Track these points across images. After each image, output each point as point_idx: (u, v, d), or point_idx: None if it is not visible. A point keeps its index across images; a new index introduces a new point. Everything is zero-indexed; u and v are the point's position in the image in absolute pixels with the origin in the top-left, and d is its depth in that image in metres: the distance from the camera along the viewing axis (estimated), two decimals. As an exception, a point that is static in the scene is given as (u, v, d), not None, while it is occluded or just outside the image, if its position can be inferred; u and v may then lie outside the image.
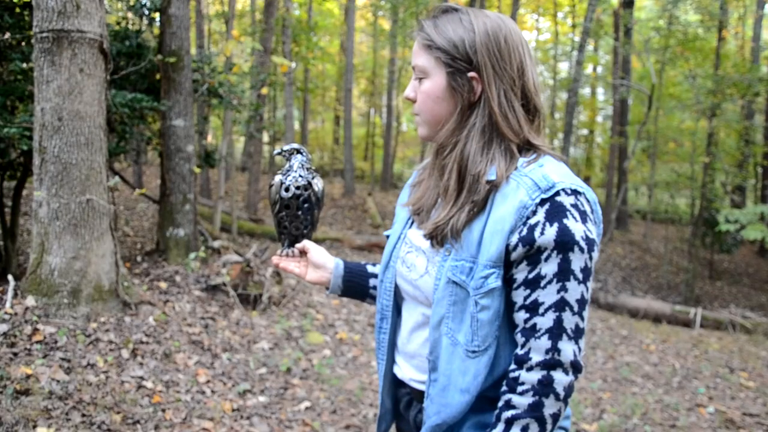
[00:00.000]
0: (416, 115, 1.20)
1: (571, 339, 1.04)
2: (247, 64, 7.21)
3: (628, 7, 11.89)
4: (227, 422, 3.14)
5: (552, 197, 1.03)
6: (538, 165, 1.09)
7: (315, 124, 23.24)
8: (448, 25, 1.13)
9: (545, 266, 1.03)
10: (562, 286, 1.02)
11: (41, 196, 3.49)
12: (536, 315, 1.04)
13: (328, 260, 1.40)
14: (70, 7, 3.39)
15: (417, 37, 1.17)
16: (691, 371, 5.62)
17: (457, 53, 1.11)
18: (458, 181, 1.12)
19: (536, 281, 1.04)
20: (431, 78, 1.14)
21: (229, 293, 4.87)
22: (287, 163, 1.38)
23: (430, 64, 1.14)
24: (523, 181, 1.06)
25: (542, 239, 1.02)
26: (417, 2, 11.75)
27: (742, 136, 12.29)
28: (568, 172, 1.10)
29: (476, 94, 1.12)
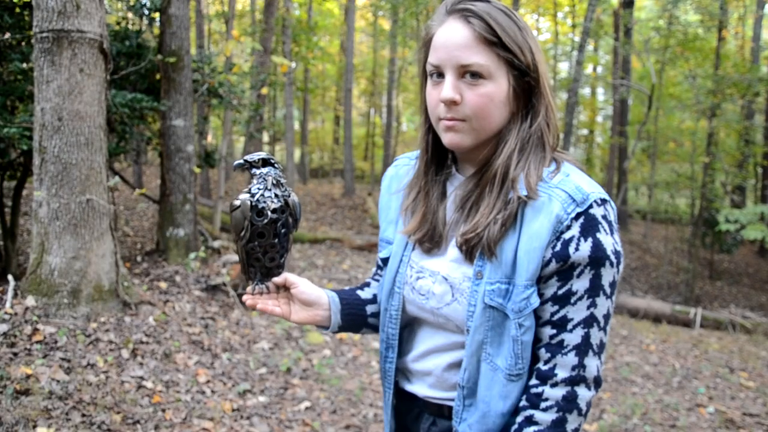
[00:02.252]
0: (457, 121, 1.03)
1: (595, 354, 1.02)
2: (247, 64, 7.21)
3: (628, 7, 11.90)
4: (227, 422, 3.14)
5: (586, 210, 0.99)
6: (564, 174, 1.03)
7: (315, 124, 23.25)
8: (504, 20, 1.01)
9: (577, 282, 0.99)
10: (592, 302, 1.00)
11: (41, 196, 3.49)
12: (564, 331, 1.01)
13: (321, 295, 1.22)
14: (70, 7, 3.39)
15: (466, 29, 1.00)
16: (691, 371, 5.62)
17: (522, 55, 1.01)
18: (498, 193, 1.03)
19: (566, 297, 1.00)
20: (494, 80, 1.01)
21: (229, 293, 4.87)
22: (255, 179, 1.12)
23: (492, 64, 1.00)
24: (556, 193, 1.00)
25: (577, 255, 0.98)
26: (417, 2, 11.75)
27: (742, 136, 12.29)
28: (590, 179, 1.06)
29: (531, 102, 1.04)
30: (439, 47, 1.03)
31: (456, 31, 1.01)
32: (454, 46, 1.00)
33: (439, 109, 1.04)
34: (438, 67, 1.03)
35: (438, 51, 1.03)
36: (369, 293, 1.31)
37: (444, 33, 1.03)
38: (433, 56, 1.04)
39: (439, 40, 1.03)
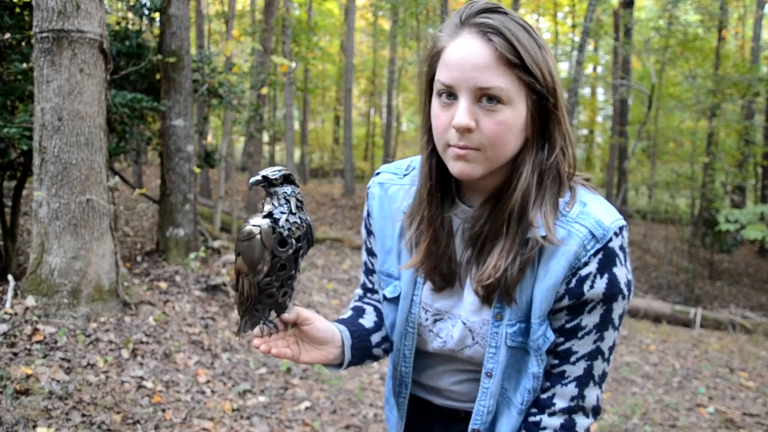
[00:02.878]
0: (470, 150, 0.92)
1: (596, 384, 1.01)
2: (247, 64, 7.21)
3: (628, 7, 11.90)
4: (227, 422, 3.14)
5: (605, 245, 0.94)
6: (581, 204, 0.97)
7: (315, 124, 23.25)
8: (525, 39, 0.90)
9: (587, 318, 0.97)
10: (600, 336, 0.98)
11: (41, 196, 3.49)
12: (567, 363, 1.00)
13: (335, 331, 1.08)
14: (70, 7, 3.39)
15: (485, 47, 0.88)
16: (691, 371, 5.62)
17: (543, 78, 0.91)
18: (515, 234, 0.96)
19: (574, 331, 0.98)
20: (513, 105, 0.90)
21: (229, 293, 4.87)
22: (274, 199, 0.96)
23: (512, 87, 0.89)
24: (575, 229, 0.94)
25: (591, 293, 0.94)
26: (417, 2, 11.75)
27: (742, 136, 12.29)
28: (606, 203, 0.99)
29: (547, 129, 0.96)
30: (452, 65, 0.91)
31: (474, 48, 0.89)
32: (471, 65, 0.89)
33: (449, 134, 0.93)
34: (450, 87, 0.91)
35: (451, 69, 0.91)
36: (370, 321, 1.19)
37: (459, 49, 0.91)
38: (444, 74, 0.92)
39: (453, 57, 0.91)
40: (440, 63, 0.94)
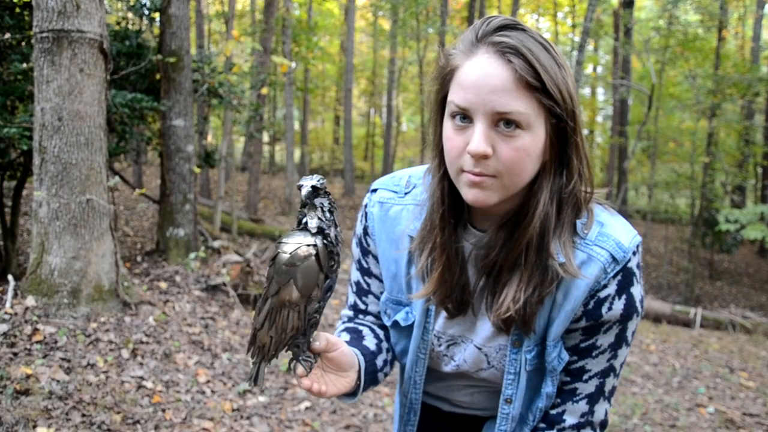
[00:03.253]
0: (486, 177, 0.86)
1: (606, 399, 1.01)
2: (247, 64, 7.21)
3: (628, 7, 11.90)
4: (227, 422, 3.14)
5: (625, 265, 0.92)
6: (598, 225, 0.94)
7: (315, 124, 23.25)
8: (546, 59, 0.84)
9: (602, 338, 0.96)
10: (614, 354, 0.97)
11: (41, 196, 3.49)
12: (579, 381, 0.99)
13: (354, 355, 1.02)
14: (70, 7, 3.39)
15: (504, 69, 0.83)
16: (691, 371, 5.62)
17: (563, 100, 0.86)
18: (534, 265, 0.91)
19: (588, 350, 0.97)
20: (532, 130, 0.85)
21: (229, 293, 4.87)
22: (314, 211, 0.88)
23: (532, 112, 0.84)
24: (596, 252, 0.92)
25: (609, 314, 0.93)
26: (417, 2, 11.75)
27: (742, 136, 12.30)
28: (622, 220, 0.97)
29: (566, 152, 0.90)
30: (468, 87, 0.85)
31: (492, 69, 0.83)
32: (489, 88, 0.83)
33: (464, 159, 0.87)
34: (465, 110, 0.86)
35: (467, 91, 0.85)
36: (372, 344, 1.12)
37: (475, 69, 0.85)
38: (459, 95, 0.86)
39: (469, 78, 0.85)
40: (454, 83, 0.89)
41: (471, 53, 0.87)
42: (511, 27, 0.86)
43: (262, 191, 14.59)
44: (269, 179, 17.62)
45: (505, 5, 16.20)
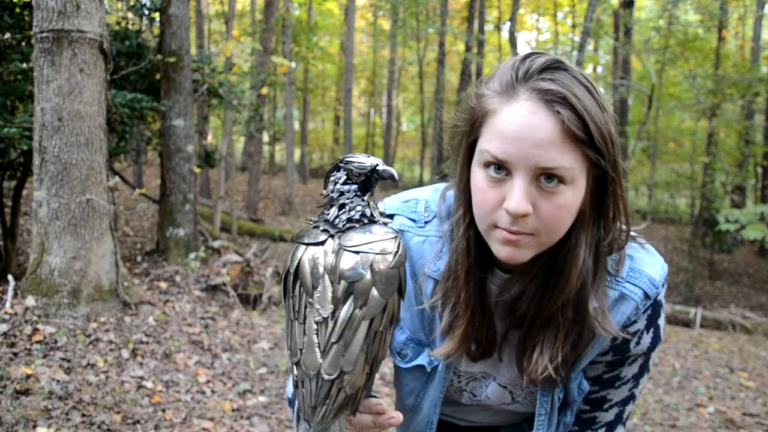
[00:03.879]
0: (523, 235, 0.79)
1: (622, 424, 0.99)
2: (247, 64, 7.22)
3: (628, 7, 11.90)
4: (227, 422, 3.14)
5: (655, 299, 0.89)
6: (629, 259, 0.89)
7: (315, 124, 23.26)
8: (592, 107, 0.76)
9: (626, 369, 0.94)
10: (636, 383, 0.95)
11: (41, 196, 3.49)
12: (599, 410, 0.97)
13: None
14: (70, 7, 3.39)
15: (551, 120, 0.75)
16: (691, 371, 5.62)
17: (607, 151, 0.78)
18: (572, 321, 0.86)
19: (611, 382, 0.95)
20: (574, 185, 0.77)
21: (229, 293, 4.86)
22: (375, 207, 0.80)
23: (577, 166, 0.77)
24: (628, 290, 0.87)
25: (636, 349, 0.91)
26: (417, 2, 11.76)
27: (742, 136, 12.30)
28: (651, 250, 0.92)
29: (605, 202, 0.84)
30: (508, 137, 0.76)
31: (537, 121, 0.75)
32: (533, 141, 0.75)
33: (498, 215, 0.80)
34: (504, 162, 0.77)
35: (506, 142, 0.76)
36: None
37: (517, 118, 0.76)
38: (496, 145, 0.78)
39: (510, 128, 0.76)
40: (488, 128, 0.80)
41: (510, 97, 0.78)
42: (554, 68, 0.78)
43: (262, 191, 14.58)
44: (269, 179, 17.62)
45: (505, 5, 16.20)
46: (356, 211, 0.77)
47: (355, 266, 0.71)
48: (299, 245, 0.77)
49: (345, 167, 0.78)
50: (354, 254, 0.72)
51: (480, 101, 0.82)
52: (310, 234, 0.77)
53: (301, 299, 0.74)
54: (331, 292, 0.72)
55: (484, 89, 0.82)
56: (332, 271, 0.72)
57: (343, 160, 0.78)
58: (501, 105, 0.78)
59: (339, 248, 0.73)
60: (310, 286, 0.73)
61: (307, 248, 0.75)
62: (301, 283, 0.74)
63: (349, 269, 0.71)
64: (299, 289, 0.74)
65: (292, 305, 0.75)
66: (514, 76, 0.78)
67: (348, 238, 0.74)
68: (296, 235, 0.79)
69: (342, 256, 0.72)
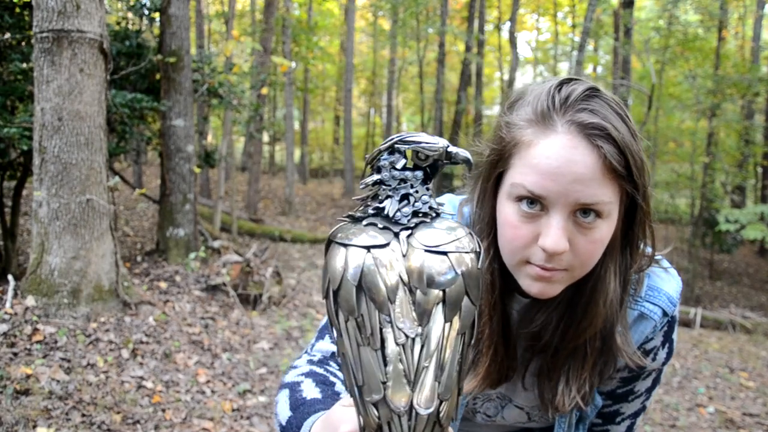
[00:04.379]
0: (557, 271, 0.76)
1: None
2: (247, 64, 7.22)
3: (628, 7, 11.90)
4: (227, 422, 3.14)
5: (672, 315, 0.89)
6: (647, 278, 0.88)
7: (315, 124, 23.26)
8: (629, 140, 0.74)
9: (640, 384, 0.94)
10: (648, 396, 0.96)
11: (41, 196, 3.49)
12: (611, 423, 0.97)
13: None
14: (70, 7, 3.39)
15: (592, 155, 0.71)
16: (691, 371, 5.62)
17: (642, 181, 0.75)
18: (600, 352, 0.84)
19: (625, 396, 0.95)
20: (610, 218, 0.75)
21: (229, 293, 4.86)
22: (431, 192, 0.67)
23: (614, 199, 0.74)
24: (648, 310, 0.87)
25: (652, 365, 0.91)
26: (417, 2, 11.76)
27: (742, 136, 12.29)
28: (665, 264, 0.91)
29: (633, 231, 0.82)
30: (546, 172, 0.72)
31: (578, 156, 0.71)
32: (573, 177, 0.71)
33: (531, 252, 0.76)
34: (541, 198, 0.73)
35: (544, 177, 0.72)
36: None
37: (556, 153, 0.72)
38: (531, 180, 0.73)
39: (548, 163, 0.72)
40: (520, 161, 0.75)
41: (546, 128, 0.74)
42: (590, 95, 0.75)
43: (262, 191, 14.58)
44: (269, 179, 17.62)
45: (505, 5, 16.20)
46: (423, 203, 0.63)
47: (447, 270, 0.59)
48: (348, 248, 0.60)
49: (405, 148, 0.64)
50: (441, 255, 0.59)
51: (510, 130, 0.77)
52: (361, 233, 0.62)
53: (372, 318, 0.58)
54: (413, 303, 0.58)
55: (515, 117, 0.78)
56: (417, 277, 0.58)
57: (402, 139, 0.64)
58: (536, 136, 0.74)
59: (415, 249, 0.60)
60: (386, 299, 0.57)
61: (365, 252, 0.60)
62: (371, 296, 0.58)
63: (441, 273, 0.58)
64: (366, 305, 0.58)
65: (358, 327, 0.58)
66: (550, 105, 0.74)
67: (425, 236, 0.61)
68: (334, 235, 0.63)
69: (426, 259, 0.59)
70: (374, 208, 0.64)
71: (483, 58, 14.33)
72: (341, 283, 0.59)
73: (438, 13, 13.93)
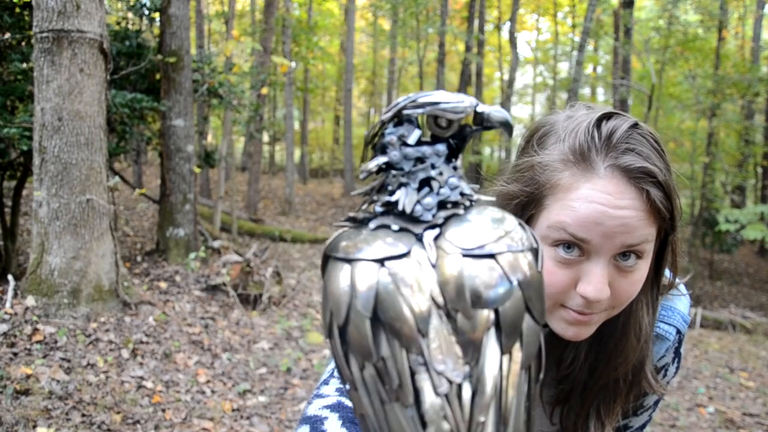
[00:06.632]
0: (594, 314, 0.72)
1: None
2: (247, 64, 7.22)
3: (628, 7, 11.91)
4: (227, 422, 3.14)
5: (683, 332, 0.89)
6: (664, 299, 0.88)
7: (315, 124, 23.26)
8: (667, 173, 0.71)
9: (649, 398, 0.93)
10: (655, 408, 0.96)
11: (41, 196, 3.49)
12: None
13: None
14: (70, 7, 3.39)
15: (638, 199, 0.67)
16: (691, 371, 5.62)
17: (678, 217, 0.73)
18: (630, 388, 0.82)
19: (634, 411, 0.94)
20: (648, 257, 0.72)
21: (229, 293, 4.86)
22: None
23: (652, 237, 0.71)
24: (663, 330, 0.86)
25: (663, 381, 0.91)
26: (417, 2, 11.76)
27: (742, 136, 12.30)
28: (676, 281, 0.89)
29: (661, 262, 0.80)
30: (590, 219, 0.67)
31: (624, 201, 0.67)
32: (620, 222, 0.67)
33: (569, 297, 0.72)
34: (584, 243, 0.68)
35: (588, 223, 0.67)
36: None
37: (601, 198, 0.67)
38: (574, 223, 0.68)
39: (593, 209, 0.67)
40: (558, 203, 0.70)
41: (588, 172, 0.68)
42: (631, 135, 0.70)
43: (262, 191, 14.58)
44: (269, 179, 17.63)
45: (505, 5, 16.20)
46: (451, 189, 0.45)
47: (498, 279, 0.40)
48: (354, 264, 0.42)
49: (417, 113, 0.45)
50: (487, 259, 0.41)
51: (544, 171, 0.71)
52: (369, 241, 0.43)
53: (398, 362, 0.39)
54: (454, 333, 0.40)
55: (547, 157, 0.72)
56: (457, 295, 0.40)
57: (414, 102, 0.45)
58: (576, 180, 0.69)
59: (449, 255, 0.41)
60: (415, 332, 0.39)
61: (377, 267, 0.41)
62: (393, 331, 0.39)
63: (490, 286, 0.40)
64: (389, 344, 0.40)
65: (380, 377, 0.40)
66: (590, 144, 0.69)
67: (461, 235, 0.42)
68: (332, 248, 0.45)
69: (466, 267, 0.41)
70: (384, 204, 0.46)
71: (483, 58, 14.33)
72: (348, 317, 0.41)
73: (438, 13, 13.93)
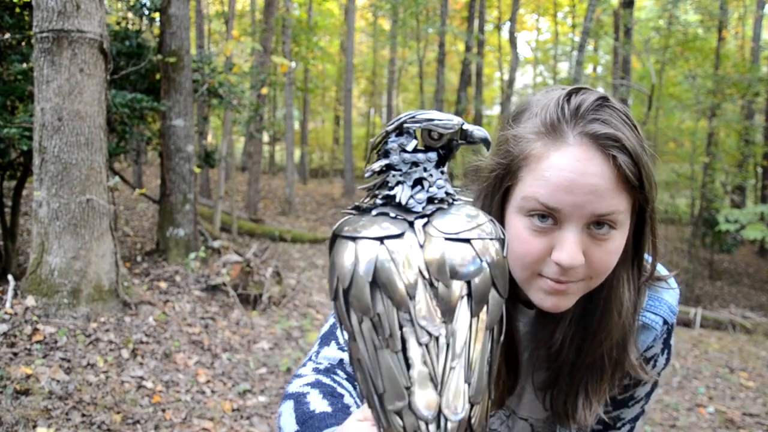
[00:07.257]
0: (571, 283, 0.75)
1: None
2: (247, 64, 7.22)
3: (628, 7, 11.90)
4: (227, 422, 3.14)
5: (672, 323, 0.90)
6: (647, 288, 0.89)
7: (315, 124, 23.26)
8: (638, 146, 0.73)
9: (641, 389, 0.94)
10: (647, 400, 0.97)
11: (41, 196, 3.49)
12: (612, 429, 0.98)
13: None
14: (70, 7, 3.39)
15: (606, 167, 0.70)
16: (691, 371, 5.62)
17: (651, 190, 0.75)
18: (617, 358, 0.83)
19: (625, 402, 0.95)
20: (623, 228, 0.75)
21: (229, 293, 4.87)
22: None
23: (627, 209, 0.74)
24: (650, 320, 0.87)
25: (652, 372, 0.91)
26: (417, 2, 11.76)
27: (742, 136, 12.30)
28: (664, 272, 0.92)
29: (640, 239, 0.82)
30: (560, 185, 0.70)
31: (593, 168, 0.70)
32: (589, 189, 0.69)
33: (544, 266, 0.75)
34: (554, 211, 0.72)
35: (558, 190, 0.70)
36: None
37: (570, 165, 0.70)
38: (544, 192, 0.71)
39: (562, 176, 0.70)
40: (530, 174, 0.73)
41: (557, 140, 0.72)
42: (600, 106, 0.73)
43: (262, 191, 14.59)
44: (269, 179, 17.63)
45: (505, 5, 16.20)
46: (439, 188, 0.60)
47: (471, 259, 0.55)
48: (357, 242, 0.56)
49: (415, 127, 0.60)
50: (463, 243, 0.55)
51: (518, 143, 0.75)
52: (371, 225, 0.57)
53: (390, 317, 0.53)
54: (435, 298, 0.54)
55: (522, 130, 0.75)
56: (438, 269, 0.54)
57: (413, 118, 0.59)
58: (547, 149, 0.72)
59: (434, 238, 0.56)
60: (405, 295, 0.53)
61: (377, 244, 0.55)
62: (388, 293, 0.53)
63: (464, 263, 0.54)
64: (383, 303, 0.53)
65: (375, 328, 0.53)
66: (560, 116, 0.72)
67: (444, 224, 0.57)
68: (340, 229, 0.59)
69: (447, 248, 0.55)
70: (384, 197, 0.60)
71: (483, 58, 14.33)
72: (352, 281, 0.54)
73: (438, 13, 13.93)
